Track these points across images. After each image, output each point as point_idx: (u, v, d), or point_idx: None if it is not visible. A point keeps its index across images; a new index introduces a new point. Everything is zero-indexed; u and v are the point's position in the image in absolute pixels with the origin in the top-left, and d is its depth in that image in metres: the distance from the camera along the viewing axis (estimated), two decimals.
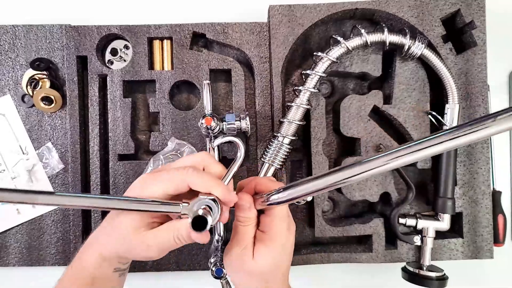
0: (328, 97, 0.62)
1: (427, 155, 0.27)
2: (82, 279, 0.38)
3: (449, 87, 0.53)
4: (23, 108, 0.61)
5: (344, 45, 0.52)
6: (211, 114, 0.50)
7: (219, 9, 0.64)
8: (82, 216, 0.58)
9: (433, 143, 0.27)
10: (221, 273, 0.49)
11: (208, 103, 0.51)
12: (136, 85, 0.61)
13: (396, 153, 0.29)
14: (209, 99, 0.51)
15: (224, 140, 0.48)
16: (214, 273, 0.49)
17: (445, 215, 0.55)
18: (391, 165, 0.30)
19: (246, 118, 0.53)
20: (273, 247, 0.38)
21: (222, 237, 0.54)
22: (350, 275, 0.63)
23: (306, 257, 0.57)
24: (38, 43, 0.60)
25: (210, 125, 0.49)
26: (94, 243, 0.39)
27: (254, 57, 0.58)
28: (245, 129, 0.53)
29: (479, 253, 0.56)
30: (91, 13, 0.64)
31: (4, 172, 0.61)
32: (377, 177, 0.57)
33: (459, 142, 0.26)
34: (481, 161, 0.56)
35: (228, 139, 0.48)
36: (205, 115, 0.50)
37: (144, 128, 0.62)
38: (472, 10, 0.55)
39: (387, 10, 0.55)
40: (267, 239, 0.39)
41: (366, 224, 0.57)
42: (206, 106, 0.51)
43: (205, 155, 0.40)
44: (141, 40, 0.58)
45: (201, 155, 0.40)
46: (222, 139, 0.48)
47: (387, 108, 0.57)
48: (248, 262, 0.38)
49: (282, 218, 0.39)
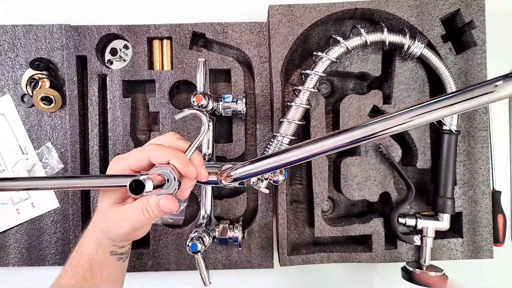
0: (328, 97, 0.62)
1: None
2: (81, 264, 0.40)
3: (449, 87, 0.53)
4: (23, 108, 0.61)
5: (344, 45, 0.52)
6: (203, 92, 0.50)
7: (219, 9, 0.64)
8: (82, 216, 0.58)
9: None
10: (196, 248, 0.48)
11: (201, 81, 0.50)
12: (135, 85, 0.61)
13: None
14: (202, 77, 0.50)
15: (185, 113, 0.47)
16: (190, 248, 0.48)
17: (445, 215, 0.55)
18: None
19: (242, 100, 0.53)
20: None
21: (208, 214, 0.55)
22: (350, 275, 0.63)
23: (306, 257, 0.57)
24: (38, 43, 0.60)
25: (201, 103, 0.49)
26: (90, 229, 0.41)
27: (253, 57, 0.58)
28: (241, 110, 0.53)
29: (478, 253, 0.56)
30: (91, 13, 0.64)
31: (4, 172, 0.61)
32: (377, 177, 0.57)
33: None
34: (481, 161, 0.56)
35: (190, 112, 0.47)
36: (197, 92, 0.50)
37: (144, 128, 0.62)
38: (472, 10, 0.55)
39: (387, 10, 0.55)
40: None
41: (365, 224, 0.57)
42: (199, 84, 0.50)
43: (172, 134, 0.42)
44: (141, 40, 0.58)
45: (168, 134, 0.42)
46: (183, 112, 0.47)
47: (386, 108, 0.57)
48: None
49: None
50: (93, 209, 0.58)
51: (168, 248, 0.57)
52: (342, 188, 0.57)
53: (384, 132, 0.32)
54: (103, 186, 0.38)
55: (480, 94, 0.28)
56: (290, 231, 0.61)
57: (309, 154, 0.37)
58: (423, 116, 0.31)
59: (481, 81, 0.29)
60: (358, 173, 0.57)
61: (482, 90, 0.28)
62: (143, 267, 0.58)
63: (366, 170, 0.57)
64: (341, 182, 0.57)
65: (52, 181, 0.37)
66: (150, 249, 0.57)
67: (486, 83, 0.28)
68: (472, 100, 0.28)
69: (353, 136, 0.34)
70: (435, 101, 0.30)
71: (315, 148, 0.37)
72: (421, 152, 0.57)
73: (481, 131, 0.56)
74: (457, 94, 0.29)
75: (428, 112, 0.30)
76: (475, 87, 0.28)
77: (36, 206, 0.61)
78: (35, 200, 0.61)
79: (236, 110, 0.54)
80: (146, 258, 0.58)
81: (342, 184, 0.57)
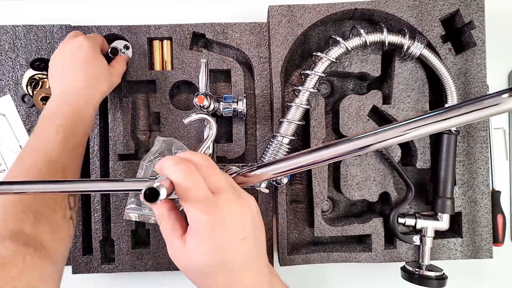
0: (328, 97, 0.62)
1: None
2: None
3: (448, 87, 0.54)
4: (23, 108, 0.61)
5: (344, 45, 0.52)
6: (204, 93, 0.50)
7: (219, 9, 0.64)
8: (82, 216, 0.58)
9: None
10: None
11: (203, 82, 0.51)
12: (136, 85, 0.62)
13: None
14: (204, 78, 0.51)
15: (194, 118, 0.47)
16: None
17: (445, 215, 0.55)
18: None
19: (243, 100, 0.54)
20: (195, 237, 0.32)
21: None
22: (349, 275, 0.64)
23: (305, 257, 0.57)
24: (38, 43, 0.60)
25: (203, 104, 0.50)
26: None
27: (253, 57, 0.58)
28: (241, 110, 0.54)
29: (478, 253, 0.56)
30: (91, 13, 0.64)
31: (4, 172, 0.61)
32: (377, 177, 0.57)
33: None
34: (480, 161, 0.56)
35: (199, 117, 0.47)
36: (198, 93, 0.50)
37: (144, 128, 0.62)
38: (471, 10, 0.55)
39: (386, 10, 0.55)
40: (188, 231, 0.33)
41: (365, 223, 0.57)
42: (201, 85, 0.51)
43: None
44: (141, 40, 0.58)
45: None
46: (192, 117, 0.47)
47: (386, 108, 0.57)
48: (180, 260, 0.33)
49: (187, 207, 0.32)
50: (93, 209, 0.58)
51: None
52: (342, 188, 0.57)
53: (405, 137, 0.31)
54: (128, 190, 0.36)
55: (487, 106, 0.26)
56: (290, 231, 0.61)
57: (319, 160, 0.34)
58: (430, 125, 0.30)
59: (489, 93, 0.28)
60: (358, 173, 0.57)
61: (490, 102, 0.27)
62: (143, 267, 0.58)
63: (365, 170, 0.57)
64: (341, 182, 0.57)
65: (67, 184, 0.35)
66: (150, 249, 0.58)
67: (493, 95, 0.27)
68: (478, 112, 0.27)
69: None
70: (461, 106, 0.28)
71: (325, 154, 0.34)
72: (420, 152, 0.57)
73: (480, 131, 0.56)
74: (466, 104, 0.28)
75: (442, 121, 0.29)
76: (482, 99, 0.27)
77: None
78: None
79: (237, 111, 0.54)
80: (146, 258, 0.58)
81: (342, 184, 0.57)
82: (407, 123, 0.30)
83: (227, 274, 0.32)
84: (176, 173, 0.32)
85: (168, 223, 0.34)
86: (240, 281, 0.33)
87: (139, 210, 0.57)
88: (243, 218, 0.33)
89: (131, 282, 0.63)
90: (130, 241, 0.58)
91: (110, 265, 0.57)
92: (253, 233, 0.34)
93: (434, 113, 0.29)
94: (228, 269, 0.32)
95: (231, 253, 0.32)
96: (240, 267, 0.33)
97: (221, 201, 0.32)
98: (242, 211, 0.34)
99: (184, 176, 0.32)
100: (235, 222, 0.33)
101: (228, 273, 0.32)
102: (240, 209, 0.33)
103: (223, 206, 0.32)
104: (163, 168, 0.33)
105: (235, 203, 0.33)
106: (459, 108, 0.28)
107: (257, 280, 0.34)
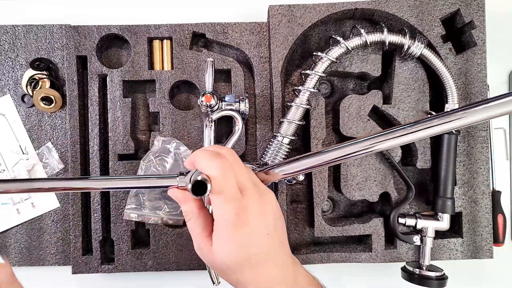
0: (328, 97, 0.62)
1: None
2: None
3: (449, 87, 0.54)
4: (23, 108, 0.61)
5: (344, 45, 0.52)
6: (211, 92, 0.51)
7: (219, 9, 0.64)
8: (82, 216, 0.58)
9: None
10: None
11: (209, 81, 0.51)
12: (136, 85, 0.61)
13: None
14: (211, 77, 0.51)
15: (221, 114, 0.48)
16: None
17: (445, 215, 0.55)
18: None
19: (245, 100, 0.54)
20: (221, 237, 0.34)
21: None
22: (349, 275, 0.63)
23: (306, 257, 0.57)
24: (38, 43, 0.60)
25: (210, 103, 0.50)
26: None
27: (254, 57, 0.58)
28: (244, 110, 0.54)
29: (478, 253, 0.56)
30: (91, 13, 0.64)
31: (4, 172, 0.61)
32: (377, 177, 0.57)
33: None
34: (480, 161, 0.56)
35: (225, 113, 0.48)
36: (205, 92, 0.50)
37: (144, 128, 0.62)
38: (472, 10, 0.55)
39: (387, 10, 0.55)
40: (214, 230, 0.35)
41: (365, 224, 0.57)
42: (208, 84, 0.51)
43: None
44: (141, 40, 0.58)
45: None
46: (219, 113, 0.48)
47: (386, 108, 0.57)
48: (209, 256, 0.35)
49: (218, 204, 0.33)
50: (93, 209, 0.58)
51: (168, 248, 0.57)
52: (342, 188, 0.57)
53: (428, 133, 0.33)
54: (156, 186, 0.37)
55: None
56: (290, 231, 0.61)
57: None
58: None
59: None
60: (358, 173, 0.57)
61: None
62: (143, 267, 0.58)
63: (366, 170, 0.57)
64: (341, 182, 0.57)
65: (93, 182, 0.36)
66: (150, 249, 0.57)
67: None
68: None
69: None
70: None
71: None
72: (421, 152, 0.57)
73: (481, 131, 0.56)
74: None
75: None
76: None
77: (36, 206, 0.61)
78: (35, 200, 0.61)
79: (239, 110, 0.54)
80: (146, 258, 0.58)
81: (342, 184, 0.57)
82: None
83: (253, 268, 0.34)
84: (212, 167, 0.33)
85: (197, 221, 0.35)
86: (266, 273, 0.35)
87: (139, 210, 0.56)
88: (266, 215, 0.35)
89: (130, 282, 0.63)
90: (130, 241, 0.57)
91: (110, 265, 0.57)
92: (274, 227, 0.36)
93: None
94: (254, 264, 0.34)
95: (256, 248, 0.34)
96: (265, 260, 0.35)
97: (246, 201, 0.34)
98: (264, 208, 0.35)
99: (221, 171, 0.33)
100: (259, 220, 0.34)
101: (254, 267, 0.34)
102: (263, 206, 0.35)
103: (249, 206, 0.34)
104: (197, 162, 0.34)
105: (257, 202, 0.35)
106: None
107: (281, 271, 0.36)
